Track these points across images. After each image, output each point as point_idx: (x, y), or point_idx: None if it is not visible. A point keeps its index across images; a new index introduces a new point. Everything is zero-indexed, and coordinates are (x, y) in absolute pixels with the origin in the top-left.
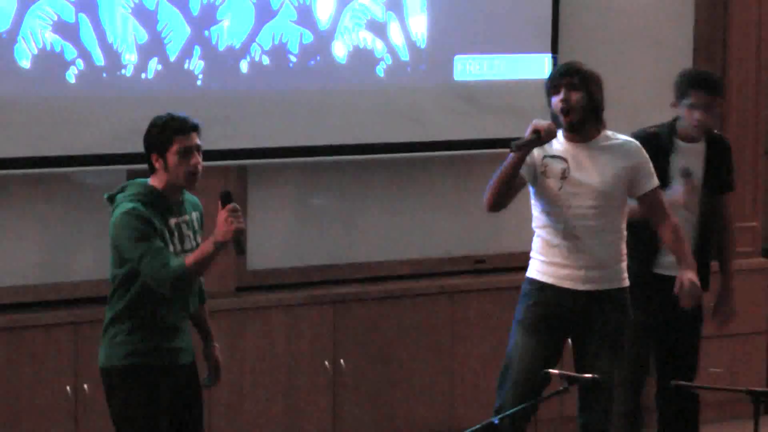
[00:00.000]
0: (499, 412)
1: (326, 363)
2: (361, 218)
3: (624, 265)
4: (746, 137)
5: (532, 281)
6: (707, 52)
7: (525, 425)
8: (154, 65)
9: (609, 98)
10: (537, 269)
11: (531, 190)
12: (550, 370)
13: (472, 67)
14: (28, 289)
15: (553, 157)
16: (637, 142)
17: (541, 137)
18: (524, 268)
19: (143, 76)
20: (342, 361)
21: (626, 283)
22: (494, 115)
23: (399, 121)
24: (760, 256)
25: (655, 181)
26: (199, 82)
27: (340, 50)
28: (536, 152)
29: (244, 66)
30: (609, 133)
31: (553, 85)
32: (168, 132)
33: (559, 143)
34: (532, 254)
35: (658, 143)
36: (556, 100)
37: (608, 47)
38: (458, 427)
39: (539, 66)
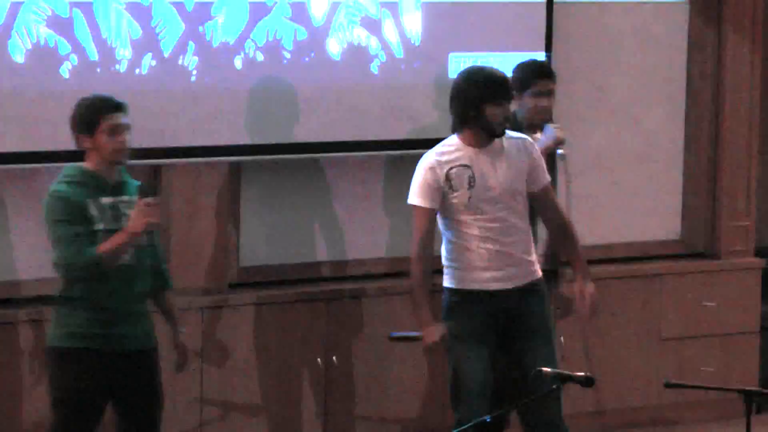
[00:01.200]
0: (461, 423)
1: (318, 360)
2: (355, 215)
3: (535, 256)
4: (740, 135)
5: (457, 291)
6: (701, 50)
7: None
8: (148, 61)
9: (602, 96)
10: (459, 278)
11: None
12: (545, 369)
13: (466, 65)
14: (20, 285)
15: (457, 166)
16: (528, 137)
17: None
18: None
19: (137, 71)
20: (334, 358)
21: (539, 273)
22: None
23: (393, 118)
24: (753, 256)
25: (549, 176)
26: (193, 78)
27: (334, 47)
28: (437, 168)
29: (238, 62)
30: None
31: (499, 96)
32: (94, 112)
33: (457, 149)
34: (446, 263)
35: None
36: (499, 111)
37: (602, 46)
38: (449, 425)
39: None
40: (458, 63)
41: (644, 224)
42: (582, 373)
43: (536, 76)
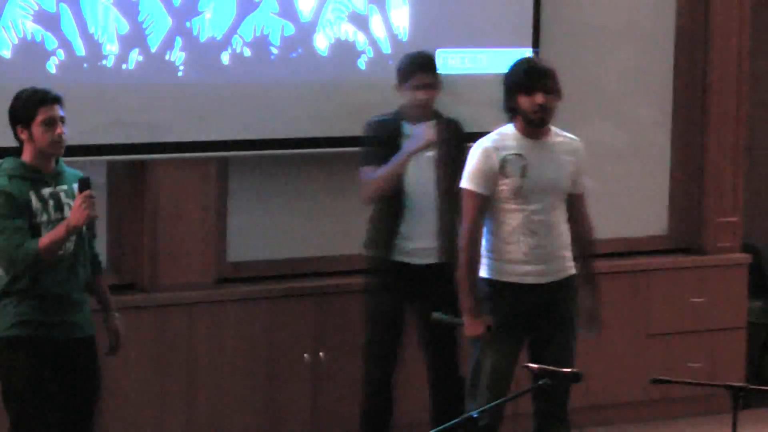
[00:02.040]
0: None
1: (305, 355)
2: (342, 210)
3: (570, 251)
4: (727, 131)
5: (492, 282)
6: (688, 46)
7: (499, 422)
8: (135, 56)
9: (589, 92)
10: (495, 269)
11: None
12: (531, 365)
13: (453, 61)
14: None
15: (512, 154)
16: (580, 141)
17: None
18: None
19: (124, 66)
20: (321, 353)
21: (574, 270)
22: (475, 108)
23: (381, 113)
24: (740, 251)
25: (587, 185)
26: (180, 74)
27: (321, 43)
28: (493, 154)
29: (225, 58)
30: (554, 128)
31: (526, 86)
32: (32, 104)
33: (513, 138)
34: (485, 253)
35: (387, 129)
36: (529, 101)
37: (589, 42)
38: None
39: None
40: (446, 58)
41: (631, 220)
42: (569, 369)
43: (415, 69)
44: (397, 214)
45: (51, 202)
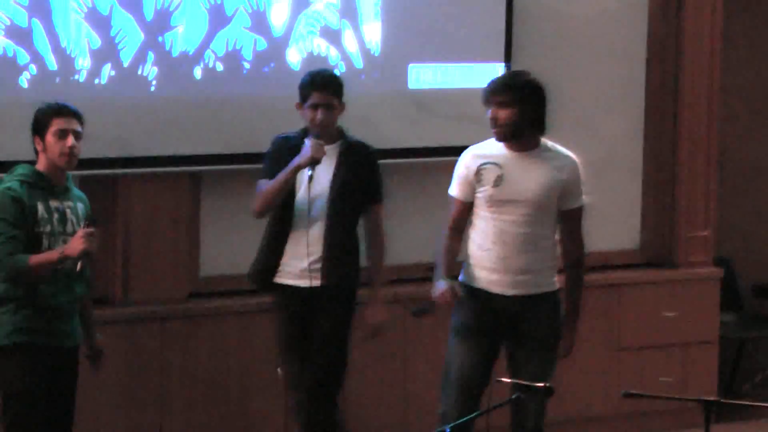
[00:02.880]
0: (444, 417)
1: (278, 369)
2: None
3: (554, 268)
4: (699, 145)
5: (463, 285)
6: (660, 61)
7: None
8: (107, 71)
9: (561, 106)
10: (468, 273)
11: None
12: (503, 379)
13: (425, 76)
14: None
15: (489, 163)
16: (575, 159)
17: None
18: None
19: (96, 81)
20: None
21: (556, 286)
22: (447, 123)
23: (352, 128)
24: (712, 265)
25: (581, 201)
26: (152, 88)
27: (294, 57)
28: (471, 161)
29: (197, 72)
30: (549, 144)
31: (485, 99)
32: (48, 114)
33: (497, 148)
34: (464, 257)
35: (289, 145)
36: (488, 114)
37: (561, 56)
38: None
39: (492, 75)
40: (417, 73)
41: (603, 234)
42: (541, 384)
43: (312, 88)
44: (283, 235)
45: (56, 215)
